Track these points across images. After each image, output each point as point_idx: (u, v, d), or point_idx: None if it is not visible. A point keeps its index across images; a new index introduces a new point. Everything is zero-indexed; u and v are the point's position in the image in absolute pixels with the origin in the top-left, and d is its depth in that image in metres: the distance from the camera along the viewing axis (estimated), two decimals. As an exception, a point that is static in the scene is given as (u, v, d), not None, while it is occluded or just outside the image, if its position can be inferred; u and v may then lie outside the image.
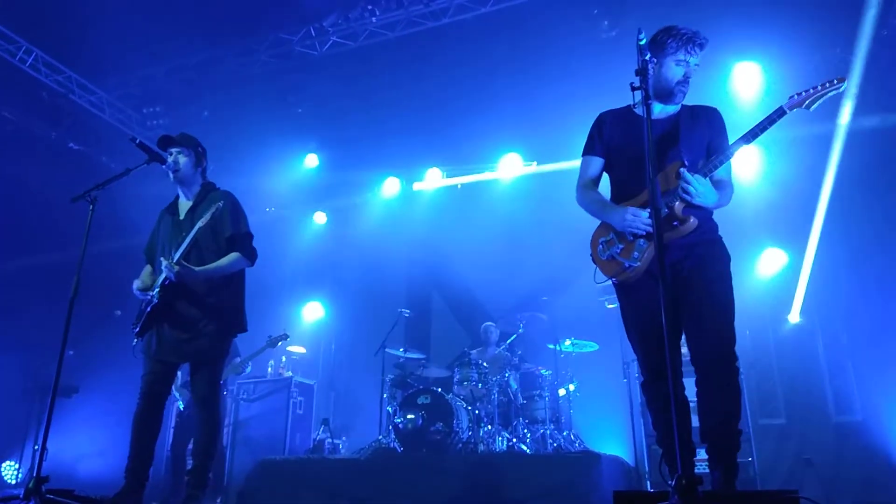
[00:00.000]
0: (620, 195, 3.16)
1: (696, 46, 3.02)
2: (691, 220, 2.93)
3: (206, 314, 3.85)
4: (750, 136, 2.90)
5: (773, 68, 7.12)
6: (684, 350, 3.03)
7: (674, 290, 2.93)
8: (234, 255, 3.93)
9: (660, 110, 3.13)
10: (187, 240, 3.84)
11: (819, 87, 2.89)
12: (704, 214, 3.05)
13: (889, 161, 6.65)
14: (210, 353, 3.88)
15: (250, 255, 4.03)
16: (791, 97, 2.92)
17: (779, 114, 2.88)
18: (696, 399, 2.90)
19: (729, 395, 2.85)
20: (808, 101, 2.90)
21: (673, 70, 3.04)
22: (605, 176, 3.32)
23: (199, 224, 3.82)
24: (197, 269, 3.80)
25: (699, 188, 2.86)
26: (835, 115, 6.73)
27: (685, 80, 3.02)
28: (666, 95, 3.09)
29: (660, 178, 2.96)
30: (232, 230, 3.97)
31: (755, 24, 6.61)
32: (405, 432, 6.04)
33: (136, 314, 3.98)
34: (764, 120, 2.88)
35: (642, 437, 5.79)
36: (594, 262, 3.19)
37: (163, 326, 3.86)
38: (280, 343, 6.88)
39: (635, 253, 2.99)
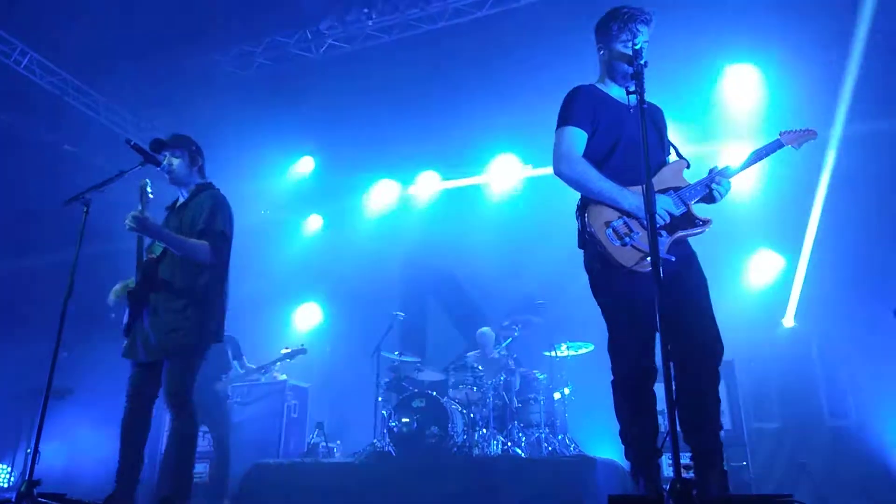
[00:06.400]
0: (619, 181, 2.94)
1: (640, 24, 2.98)
2: (710, 221, 2.97)
3: (181, 310, 3.76)
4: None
5: (769, 70, 7.16)
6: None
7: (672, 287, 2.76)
8: (203, 242, 3.81)
9: (618, 95, 3.09)
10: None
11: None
12: None
13: (884, 164, 6.67)
14: (181, 346, 3.73)
15: (215, 252, 3.86)
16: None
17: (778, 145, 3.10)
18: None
19: (717, 396, 2.83)
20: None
21: (622, 53, 3.00)
22: None
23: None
24: (162, 228, 3.77)
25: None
26: (830, 118, 6.76)
27: (635, 61, 2.70)
28: (622, 80, 3.07)
29: (665, 172, 3.01)
30: (204, 225, 3.88)
31: (749, 25, 6.66)
32: (400, 436, 6.03)
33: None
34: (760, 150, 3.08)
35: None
36: (598, 244, 2.92)
37: (141, 323, 3.81)
38: (298, 356, 6.86)
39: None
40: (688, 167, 3.04)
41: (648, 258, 2.77)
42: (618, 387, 2.92)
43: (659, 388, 2.61)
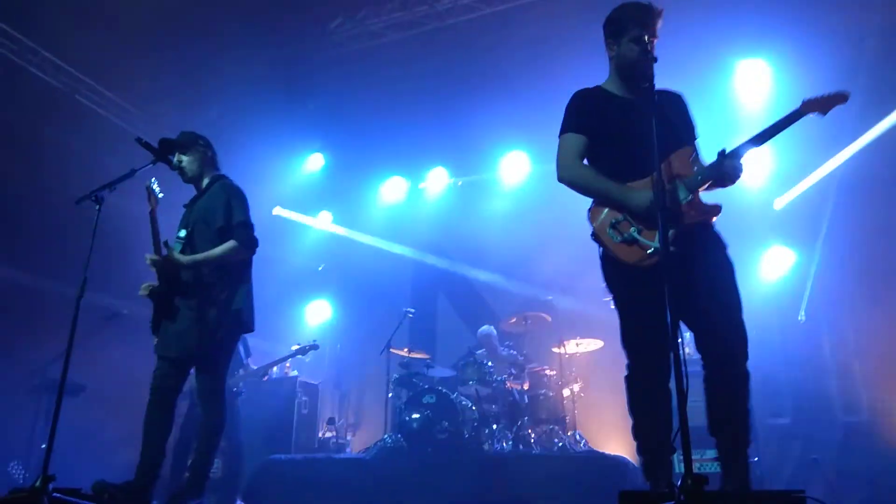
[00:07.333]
0: (621, 177, 2.94)
1: (650, 19, 2.94)
2: (719, 207, 2.88)
3: (204, 310, 3.79)
4: (763, 138, 2.88)
5: (780, 64, 7.11)
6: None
7: (683, 278, 2.70)
8: (229, 244, 3.85)
9: (626, 91, 3.08)
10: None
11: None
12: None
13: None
14: (209, 350, 3.79)
15: (247, 244, 3.90)
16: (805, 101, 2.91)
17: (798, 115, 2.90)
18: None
19: (745, 386, 2.77)
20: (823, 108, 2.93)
21: (631, 48, 2.97)
22: None
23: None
24: (184, 259, 3.81)
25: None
26: (842, 114, 6.69)
27: (645, 56, 2.77)
28: (632, 76, 3.02)
29: (672, 161, 2.91)
30: (224, 221, 3.91)
31: (761, 19, 6.60)
32: (410, 431, 6.05)
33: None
34: (780, 120, 2.88)
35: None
36: (602, 244, 2.95)
37: (164, 322, 3.85)
38: (311, 352, 6.87)
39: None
40: (696, 154, 3.00)
41: (653, 253, 2.76)
42: (631, 382, 2.90)
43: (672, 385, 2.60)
